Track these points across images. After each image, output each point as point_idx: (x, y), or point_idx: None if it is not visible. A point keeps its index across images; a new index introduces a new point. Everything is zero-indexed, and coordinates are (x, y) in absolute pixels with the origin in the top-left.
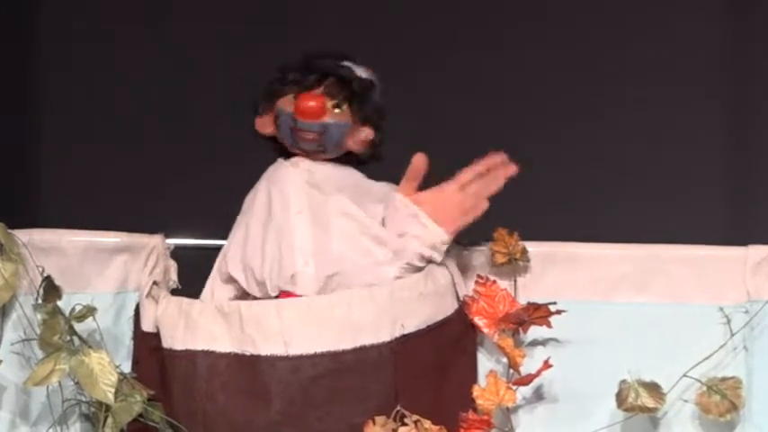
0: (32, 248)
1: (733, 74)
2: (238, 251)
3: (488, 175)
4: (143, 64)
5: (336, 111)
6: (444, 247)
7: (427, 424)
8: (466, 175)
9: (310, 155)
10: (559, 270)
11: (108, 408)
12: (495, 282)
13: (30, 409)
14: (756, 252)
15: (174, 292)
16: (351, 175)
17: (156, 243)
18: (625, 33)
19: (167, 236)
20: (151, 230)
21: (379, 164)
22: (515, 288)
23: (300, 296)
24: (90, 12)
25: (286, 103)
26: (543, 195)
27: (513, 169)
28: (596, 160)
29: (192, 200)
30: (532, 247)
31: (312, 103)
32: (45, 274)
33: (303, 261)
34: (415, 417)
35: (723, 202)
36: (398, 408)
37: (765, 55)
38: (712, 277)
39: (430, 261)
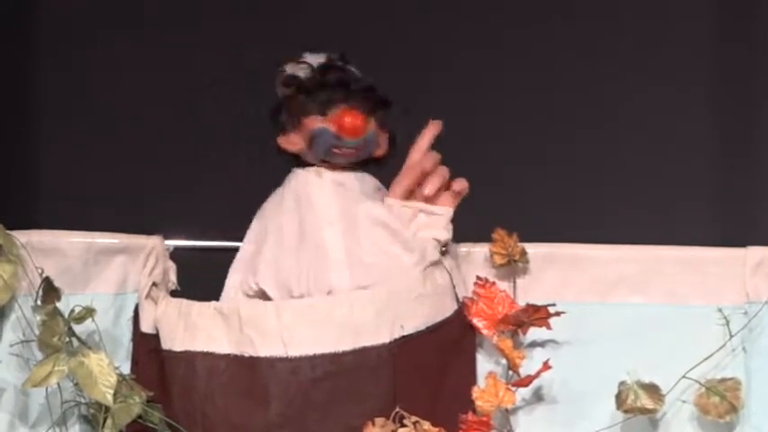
0: (31, 249)
1: (730, 76)
2: (270, 269)
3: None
4: (142, 65)
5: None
6: (451, 225)
7: (426, 425)
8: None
9: (334, 166)
10: (559, 271)
11: (107, 409)
12: (494, 283)
13: (29, 411)
14: (755, 253)
15: (174, 294)
16: (371, 181)
17: (156, 244)
18: (625, 35)
19: (166, 237)
20: (150, 232)
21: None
22: (514, 289)
23: None
24: (88, 12)
25: (320, 122)
26: (542, 196)
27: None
28: (595, 162)
29: (191, 201)
30: (532, 249)
31: (357, 122)
32: (44, 276)
33: (337, 275)
34: (414, 418)
35: (722, 203)
36: (397, 409)
37: (763, 56)
38: (711, 278)
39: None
